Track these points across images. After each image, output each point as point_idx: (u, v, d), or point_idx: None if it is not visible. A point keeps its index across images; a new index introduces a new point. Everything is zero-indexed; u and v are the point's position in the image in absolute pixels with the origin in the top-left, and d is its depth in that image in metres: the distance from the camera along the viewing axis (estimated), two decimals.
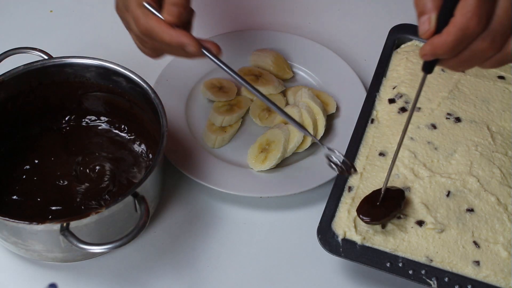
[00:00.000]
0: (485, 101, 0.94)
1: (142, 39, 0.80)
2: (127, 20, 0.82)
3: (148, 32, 0.78)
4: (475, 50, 0.66)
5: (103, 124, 0.98)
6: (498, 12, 0.65)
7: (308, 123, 0.97)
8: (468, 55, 0.66)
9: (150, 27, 0.77)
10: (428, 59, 0.68)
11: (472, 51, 0.66)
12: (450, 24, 0.64)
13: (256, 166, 0.95)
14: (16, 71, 0.89)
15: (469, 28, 0.64)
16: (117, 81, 0.91)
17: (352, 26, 1.17)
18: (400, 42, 1.02)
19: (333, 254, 0.82)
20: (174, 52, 0.80)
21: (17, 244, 0.83)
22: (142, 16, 0.78)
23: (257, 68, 1.05)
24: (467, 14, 0.64)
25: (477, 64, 0.68)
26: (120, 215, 0.82)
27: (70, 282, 0.87)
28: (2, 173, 0.91)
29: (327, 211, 0.84)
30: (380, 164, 0.88)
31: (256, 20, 1.17)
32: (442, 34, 0.65)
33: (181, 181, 0.96)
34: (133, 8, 0.78)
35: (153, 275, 0.87)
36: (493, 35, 0.65)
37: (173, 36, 0.77)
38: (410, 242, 0.82)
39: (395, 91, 0.95)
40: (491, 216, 0.83)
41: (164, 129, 0.85)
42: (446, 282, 0.80)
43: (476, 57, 0.67)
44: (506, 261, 0.80)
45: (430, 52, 0.66)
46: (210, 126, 1.00)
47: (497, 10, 0.65)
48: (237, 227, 0.92)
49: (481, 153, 0.88)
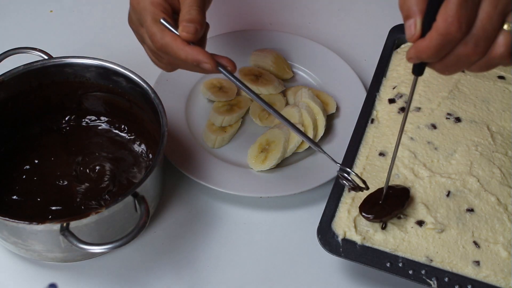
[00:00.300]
0: (485, 101, 0.94)
1: (158, 54, 0.80)
2: (141, 35, 0.81)
3: (164, 48, 0.77)
4: (458, 55, 0.66)
5: (103, 124, 0.98)
6: (480, 17, 0.64)
7: (308, 123, 0.97)
8: (452, 59, 0.66)
9: (166, 44, 0.77)
10: (413, 62, 0.68)
11: (456, 55, 0.66)
12: (432, 29, 0.64)
13: (256, 166, 0.95)
14: (16, 71, 0.89)
15: (450, 34, 0.64)
16: (117, 81, 0.91)
17: (352, 26, 1.17)
18: (400, 42, 1.02)
19: (333, 254, 0.82)
20: (189, 68, 0.80)
21: (17, 244, 0.83)
22: (158, 32, 0.77)
23: (257, 68, 1.05)
24: (448, 19, 0.63)
25: (464, 68, 0.68)
26: (120, 215, 0.82)
27: (70, 282, 0.87)
28: (2, 173, 0.91)
29: (327, 211, 0.84)
30: (380, 164, 0.88)
31: (256, 20, 1.17)
32: (425, 38, 0.65)
33: (181, 181, 0.96)
34: (148, 24, 0.78)
35: (153, 275, 0.87)
36: (476, 40, 0.65)
37: (189, 53, 0.77)
38: (410, 242, 0.82)
39: (395, 91, 0.95)
40: (491, 216, 0.83)
41: (164, 129, 0.85)
42: (446, 282, 0.80)
43: (460, 61, 0.66)
44: (506, 261, 0.80)
45: (415, 56, 0.66)
46: (210, 126, 1.00)
47: (480, 14, 0.64)
48: (237, 227, 0.92)
49: (481, 153, 0.88)
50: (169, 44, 0.77)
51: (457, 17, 0.63)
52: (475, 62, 0.67)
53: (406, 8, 0.65)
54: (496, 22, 0.64)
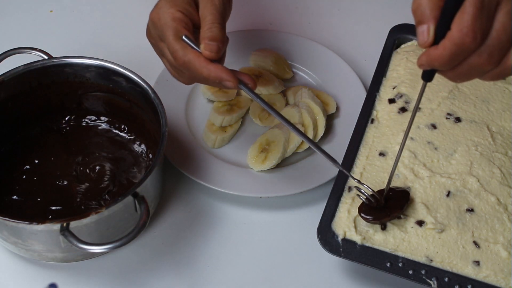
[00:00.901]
0: (485, 101, 0.94)
1: (178, 70, 0.80)
2: (161, 49, 0.81)
3: (186, 65, 0.78)
4: (472, 64, 0.65)
5: (103, 124, 0.98)
6: (496, 27, 0.64)
7: (308, 123, 0.97)
8: (465, 68, 0.66)
9: (189, 61, 0.77)
10: (424, 69, 0.67)
11: (469, 65, 0.65)
12: (446, 38, 0.64)
13: (256, 166, 0.95)
14: (16, 71, 0.89)
15: (464, 44, 0.63)
16: (117, 81, 0.91)
17: (352, 26, 1.17)
18: (400, 42, 1.02)
19: (333, 254, 0.82)
20: (209, 84, 0.81)
21: (17, 244, 0.83)
22: (181, 50, 0.77)
23: (257, 68, 1.05)
24: (463, 29, 0.63)
25: (476, 77, 0.68)
26: (120, 215, 0.82)
27: (70, 282, 0.87)
28: (2, 173, 0.91)
29: (327, 211, 0.84)
30: (380, 164, 0.88)
31: (256, 20, 1.17)
32: (438, 47, 0.64)
33: (181, 181, 0.96)
34: (170, 41, 0.78)
35: (153, 275, 0.87)
36: (490, 50, 0.64)
37: (212, 71, 0.77)
38: (410, 242, 0.82)
39: (395, 91, 0.95)
40: (491, 216, 0.83)
41: (164, 129, 0.85)
42: (446, 282, 0.80)
43: (473, 71, 0.66)
44: (506, 261, 0.80)
45: (427, 63, 0.66)
46: (210, 126, 1.00)
47: (495, 25, 0.64)
48: (237, 227, 0.92)
49: (481, 153, 0.88)
50: (192, 62, 0.77)
51: (472, 28, 0.63)
52: (488, 72, 0.67)
53: (420, 14, 0.65)
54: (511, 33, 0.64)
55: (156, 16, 0.79)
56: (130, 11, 1.16)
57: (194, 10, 0.80)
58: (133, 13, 1.15)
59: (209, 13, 0.79)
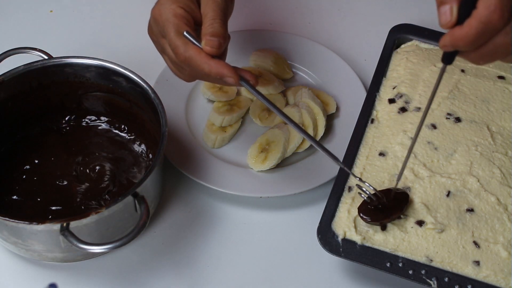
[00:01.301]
0: (485, 101, 0.94)
1: (179, 66, 0.80)
2: (162, 46, 0.81)
3: (188, 61, 0.77)
4: (497, 44, 0.64)
5: (103, 124, 0.98)
6: None
7: (308, 123, 0.97)
8: (489, 49, 0.65)
9: (190, 57, 0.77)
10: (447, 50, 0.66)
11: (494, 45, 0.64)
12: (472, 17, 0.62)
13: (256, 166, 0.95)
14: (16, 71, 0.89)
15: (491, 22, 0.62)
16: (117, 81, 0.91)
17: (352, 26, 1.17)
18: (400, 42, 1.02)
19: (333, 254, 0.82)
20: (211, 80, 0.80)
21: (17, 244, 0.83)
22: (182, 45, 0.77)
23: (257, 68, 1.05)
24: (490, 7, 0.61)
25: (499, 58, 0.66)
26: (120, 215, 0.82)
27: (70, 282, 0.87)
28: (2, 173, 0.91)
29: (327, 211, 0.84)
30: (380, 164, 0.88)
31: (256, 20, 1.17)
32: (463, 26, 0.63)
33: (181, 181, 0.96)
34: (171, 37, 0.78)
35: (153, 275, 0.87)
36: None
37: (213, 67, 0.77)
38: (410, 242, 0.82)
39: (395, 91, 0.95)
40: (491, 216, 0.83)
41: (164, 129, 0.85)
42: (446, 282, 0.80)
43: (498, 51, 0.65)
44: (506, 261, 0.80)
45: (450, 44, 0.64)
46: (210, 126, 1.00)
47: None
48: (237, 227, 0.92)
49: (481, 153, 0.88)
50: (193, 58, 0.77)
51: (500, 5, 0.62)
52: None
53: None
54: None
55: (157, 12, 0.79)
56: (130, 11, 1.16)
57: (195, 7, 0.80)
58: (133, 13, 1.15)
59: (210, 9, 0.79)
